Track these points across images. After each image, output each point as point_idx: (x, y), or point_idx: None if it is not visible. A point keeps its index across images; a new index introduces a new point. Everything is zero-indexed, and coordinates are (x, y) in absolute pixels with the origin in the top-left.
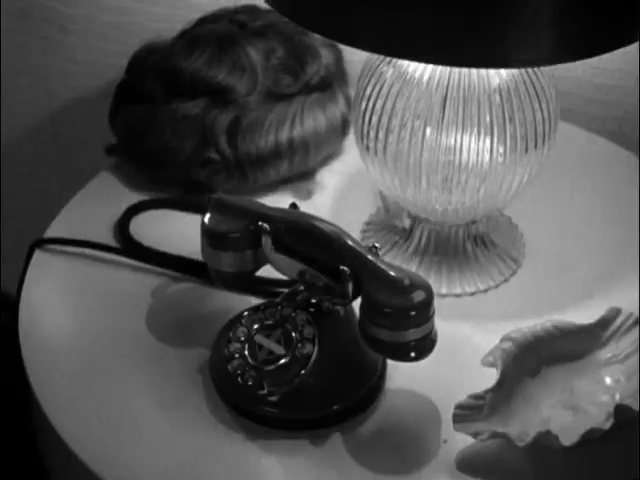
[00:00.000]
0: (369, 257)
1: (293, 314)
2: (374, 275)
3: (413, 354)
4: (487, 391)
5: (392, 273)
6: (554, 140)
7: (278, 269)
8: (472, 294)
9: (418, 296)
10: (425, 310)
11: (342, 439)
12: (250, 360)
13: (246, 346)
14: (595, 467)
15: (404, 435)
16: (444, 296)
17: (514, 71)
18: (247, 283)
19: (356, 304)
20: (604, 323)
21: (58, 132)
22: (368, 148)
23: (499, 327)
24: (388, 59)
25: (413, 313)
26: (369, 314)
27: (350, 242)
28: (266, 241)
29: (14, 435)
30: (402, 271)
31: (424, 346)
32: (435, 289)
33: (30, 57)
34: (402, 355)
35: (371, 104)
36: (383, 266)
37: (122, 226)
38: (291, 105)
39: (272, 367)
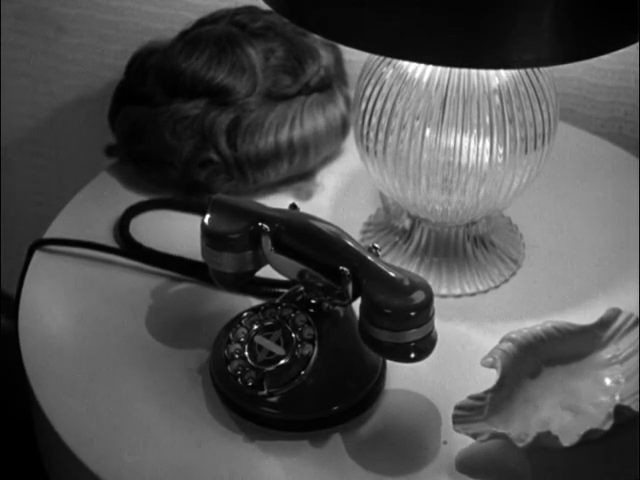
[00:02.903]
0: (369, 258)
1: (293, 315)
2: (374, 276)
3: (413, 355)
4: (487, 392)
5: (392, 274)
6: (554, 141)
7: (278, 270)
8: (472, 295)
9: (418, 297)
10: (425, 311)
11: (342, 440)
12: (250, 361)
13: (246, 347)
14: (595, 467)
15: (404, 436)
16: (444, 297)
17: (514, 72)
18: (247, 284)
19: (356, 305)
20: (604, 324)
21: (58, 132)
22: (368, 149)
23: (499, 328)
24: (388, 60)
25: (413, 314)
26: (369, 315)
27: (350, 243)
28: (266, 242)
29: (14, 435)
30: (402, 272)
31: (424, 347)
32: (435, 290)
33: (30, 57)
34: (402, 356)
35: (371, 105)
36: (383, 267)
37: (122, 227)
38: (291, 106)
39: (272, 368)
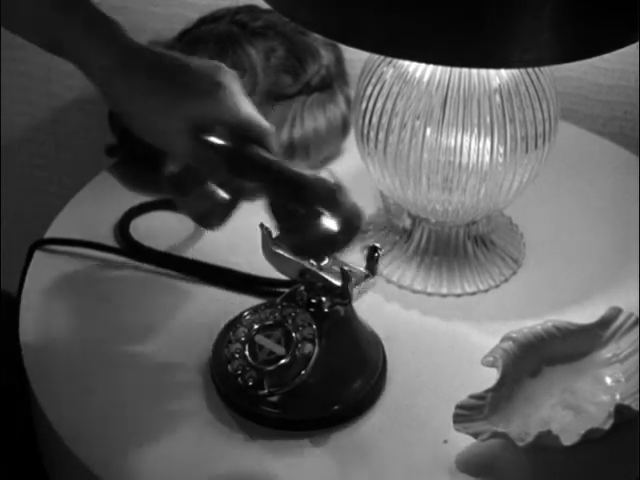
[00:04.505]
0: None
1: (293, 314)
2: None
3: (341, 237)
4: (488, 391)
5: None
6: (554, 140)
7: (278, 269)
8: (473, 294)
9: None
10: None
11: (342, 439)
12: (250, 360)
13: (246, 346)
14: (595, 467)
15: (404, 435)
16: (445, 296)
17: (514, 71)
18: (247, 283)
19: (356, 305)
20: (604, 323)
21: (58, 132)
22: (368, 148)
23: (499, 327)
24: (388, 59)
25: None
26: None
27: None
28: (266, 242)
29: (14, 435)
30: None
31: (350, 225)
32: (435, 289)
33: (30, 57)
34: (329, 246)
35: (371, 104)
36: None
37: (122, 226)
38: (291, 105)
39: (272, 367)
